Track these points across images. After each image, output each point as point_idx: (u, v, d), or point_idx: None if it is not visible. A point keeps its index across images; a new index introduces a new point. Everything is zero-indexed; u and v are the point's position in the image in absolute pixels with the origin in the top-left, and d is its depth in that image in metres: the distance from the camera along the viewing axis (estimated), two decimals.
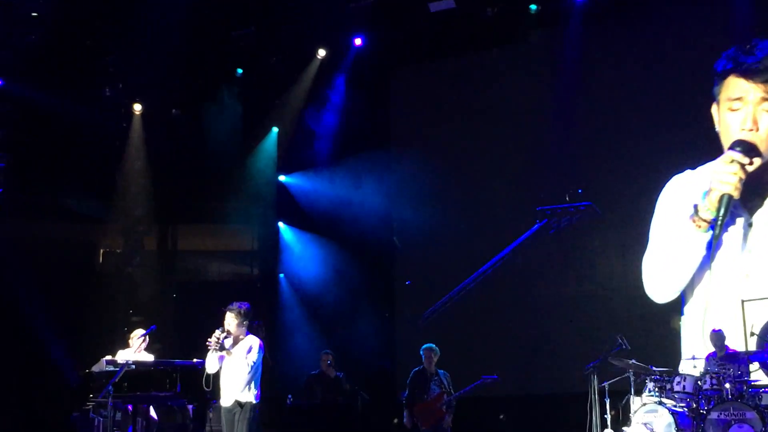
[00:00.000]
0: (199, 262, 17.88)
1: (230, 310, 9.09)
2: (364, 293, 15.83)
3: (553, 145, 14.47)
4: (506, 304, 14.72)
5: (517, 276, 14.73)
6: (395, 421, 14.75)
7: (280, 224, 17.01)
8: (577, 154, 14.32)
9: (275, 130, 16.68)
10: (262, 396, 9.31)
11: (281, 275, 16.90)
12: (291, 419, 13.11)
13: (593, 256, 14.19)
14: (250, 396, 8.99)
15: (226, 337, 8.97)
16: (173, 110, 16.29)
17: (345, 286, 15.91)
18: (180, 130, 16.14)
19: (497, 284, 14.77)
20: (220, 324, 9.16)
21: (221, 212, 16.47)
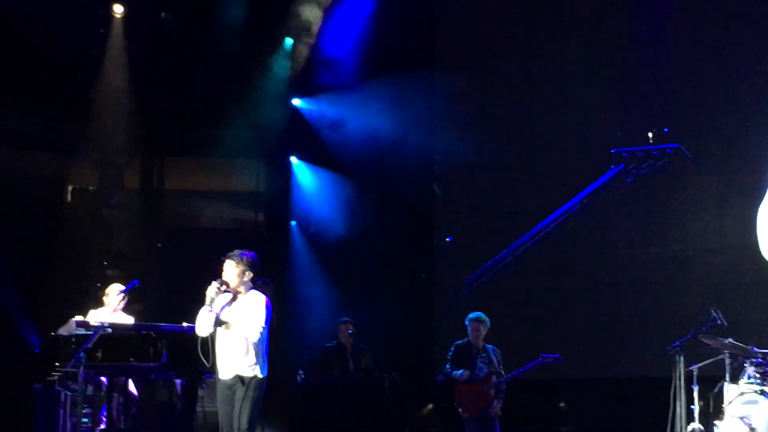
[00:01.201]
0: (191, 205, 17.92)
1: (230, 258, 9.07)
2: (395, 249, 15.88)
3: (635, 72, 14.38)
4: (571, 267, 14.75)
5: (586, 233, 14.74)
6: (429, 406, 14.90)
7: (293, 159, 17.03)
8: (663, 83, 14.23)
9: (289, 41, 16.63)
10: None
11: (293, 223, 16.97)
12: (301, 400, 13.25)
13: (682, 210, 14.15)
14: (254, 369, 9.01)
15: (225, 291, 8.99)
16: (162, 14, 16.24)
17: (371, 238, 15.97)
18: (170, 39, 16.12)
19: (561, 243, 14.79)
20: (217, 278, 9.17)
21: (220, 143, 16.48)
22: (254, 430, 9.13)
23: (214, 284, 8.95)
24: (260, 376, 9.02)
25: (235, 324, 8.92)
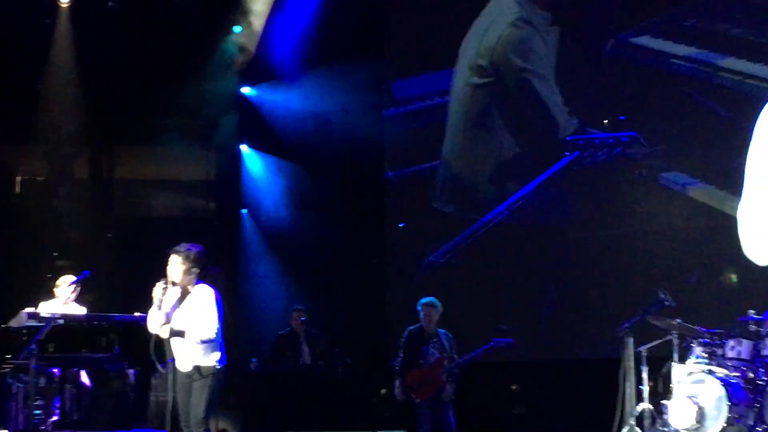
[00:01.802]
0: (141, 194, 17.87)
1: (176, 253, 8.96)
2: (348, 236, 15.90)
3: (589, 58, 14.44)
4: (521, 251, 14.80)
5: (536, 217, 14.78)
6: (383, 391, 14.94)
7: (243, 148, 17.01)
8: (617, 69, 14.30)
9: (238, 29, 16.59)
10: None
11: (244, 211, 16.95)
12: (255, 387, 13.27)
13: (631, 190, 14.21)
14: (212, 359, 9.04)
15: (171, 285, 8.95)
16: (109, 3, 16.16)
17: (323, 226, 15.99)
18: (118, 28, 16.02)
19: (513, 229, 14.83)
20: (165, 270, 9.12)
21: (169, 132, 16.42)
22: (210, 419, 9.18)
23: (160, 285, 8.91)
24: (217, 366, 9.05)
25: (188, 328, 8.90)
